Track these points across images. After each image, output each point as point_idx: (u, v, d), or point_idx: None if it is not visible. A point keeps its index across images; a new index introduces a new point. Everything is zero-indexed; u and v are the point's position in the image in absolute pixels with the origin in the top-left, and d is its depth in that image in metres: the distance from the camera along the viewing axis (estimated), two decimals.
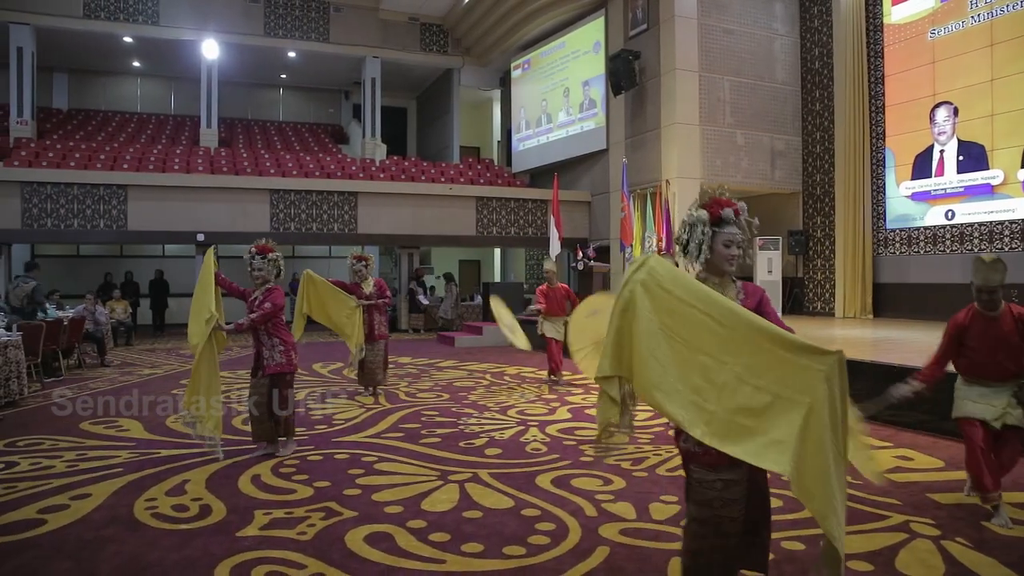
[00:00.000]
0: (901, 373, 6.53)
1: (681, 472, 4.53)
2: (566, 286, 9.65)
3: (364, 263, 8.14)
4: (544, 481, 4.68)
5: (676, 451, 5.37)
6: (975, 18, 12.19)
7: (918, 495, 4.41)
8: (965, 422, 4.10)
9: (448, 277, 18.15)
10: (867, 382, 6.79)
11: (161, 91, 23.43)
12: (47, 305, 10.71)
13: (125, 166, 16.39)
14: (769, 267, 15.20)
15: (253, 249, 5.55)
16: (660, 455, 5.34)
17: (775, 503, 3.54)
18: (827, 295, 14.83)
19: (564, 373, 9.08)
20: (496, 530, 3.79)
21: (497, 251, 23.11)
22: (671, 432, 3.16)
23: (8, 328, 8.32)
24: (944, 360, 4.21)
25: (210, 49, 19.31)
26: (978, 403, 4.05)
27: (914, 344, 8.81)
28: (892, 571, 3.26)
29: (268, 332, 5.45)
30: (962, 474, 4.90)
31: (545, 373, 9.19)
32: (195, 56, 19.54)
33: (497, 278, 22.61)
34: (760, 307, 2.83)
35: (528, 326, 9.70)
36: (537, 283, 20.74)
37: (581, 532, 3.74)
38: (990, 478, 3.90)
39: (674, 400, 2.36)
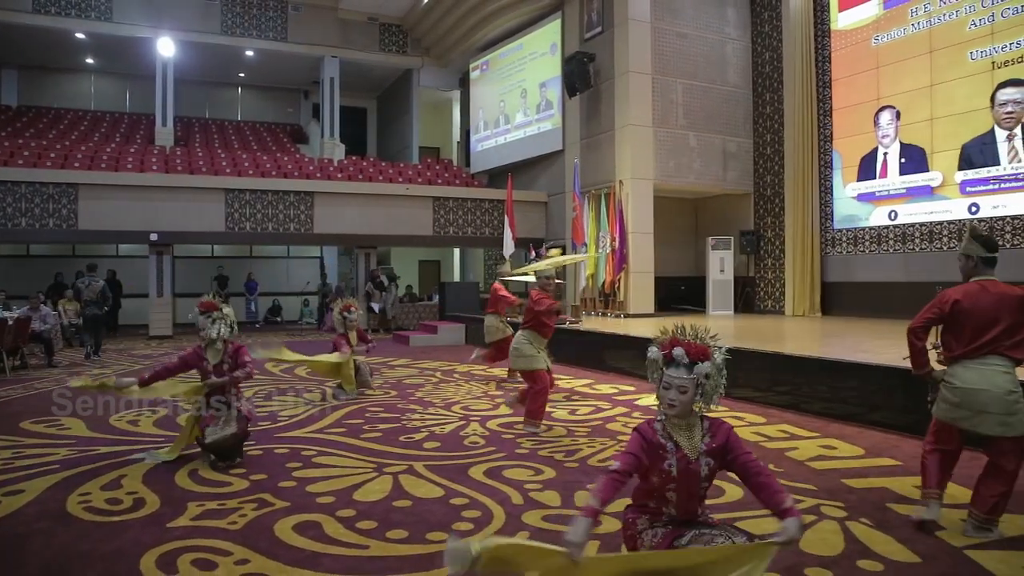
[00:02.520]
0: (840, 367, 6.84)
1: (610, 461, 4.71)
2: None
3: (350, 312, 8.30)
4: (477, 472, 4.81)
5: (610, 443, 5.56)
6: (915, 26, 12.61)
7: (834, 481, 4.62)
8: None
9: (391, 277, 18.25)
10: (810, 375, 7.09)
11: (116, 89, 23.10)
12: None
13: (76, 164, 16.15)
14: (721, 267, 15.55)
15: (197, 308, 5.25)
16: (594, 447, 5.50)
17: None
18: (777, 294, 15.19)
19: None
20: (423, 518, 3.91)
21: (456, 251, 23.21)
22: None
23: None
24: None
25: (166, 47, 19.12)
26: None
27: (855, 340, 9.14)
28: (796, 550, 3.45)
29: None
30: (881, 460, 5.16)
31: (497, 372, 9.27)
32: (150, 54, 19.33)
33: (456, 278, 22.70)
34: (728, 445, 2.65)
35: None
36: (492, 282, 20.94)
37: (505, 519, 3.88)
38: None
39: None
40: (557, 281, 7.05)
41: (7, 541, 3.65)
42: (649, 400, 7.08)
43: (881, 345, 8.04)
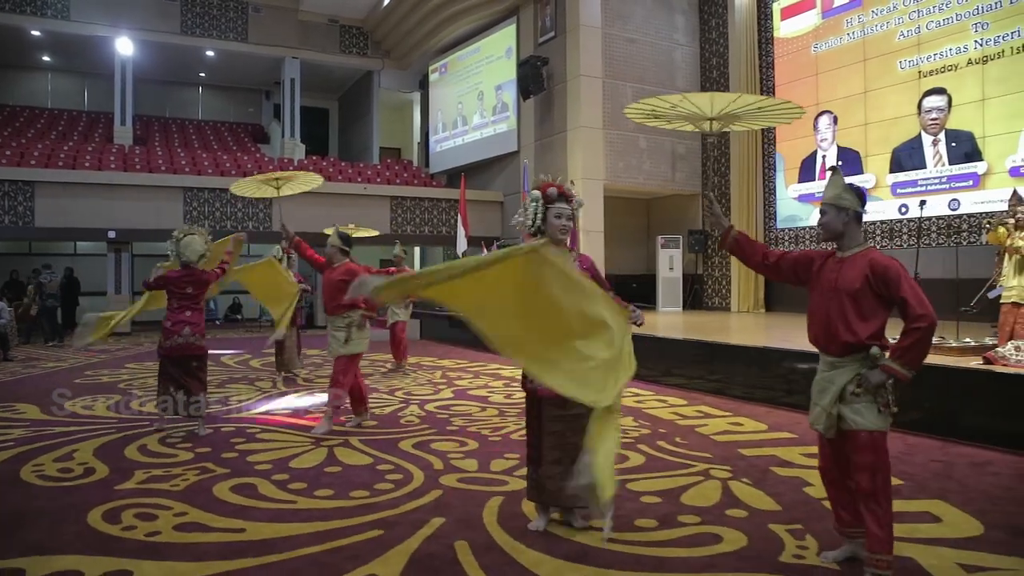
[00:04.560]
0: (757, 353, 7.38)
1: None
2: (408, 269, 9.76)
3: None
4: (407, 445, 5.25)
5: None
6: (850, 35, 13.27)
7: (730, 451, 5.12)
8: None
9: None
10: (729, 362, 7.63)
11: (74, 87, 23.05)
12: None
13: (33, 162, 16.20)
14: (671, 264, 16.09)
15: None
16: (519, 425, 5.94)
17: None
18: (724, 291, 15.78)
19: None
20: (349, 480, 4.34)
21: (417, 250, 23.54)
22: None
23: None
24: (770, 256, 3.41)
25: (124, 46, 19.20)
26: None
27: (786, 332, 9.70)
28: (675, 502, 3.92)
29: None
30: (779, 434, 5.67)
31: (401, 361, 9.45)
32: (109, 52, 19.39)
33: None
34: (593, 274, 3.54)
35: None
36: None
37: (424, 480, 4.32)
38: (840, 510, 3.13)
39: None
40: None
41: None
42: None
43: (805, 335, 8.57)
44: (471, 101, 19.19)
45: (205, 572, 3.01)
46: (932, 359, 5.99)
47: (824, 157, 13.84)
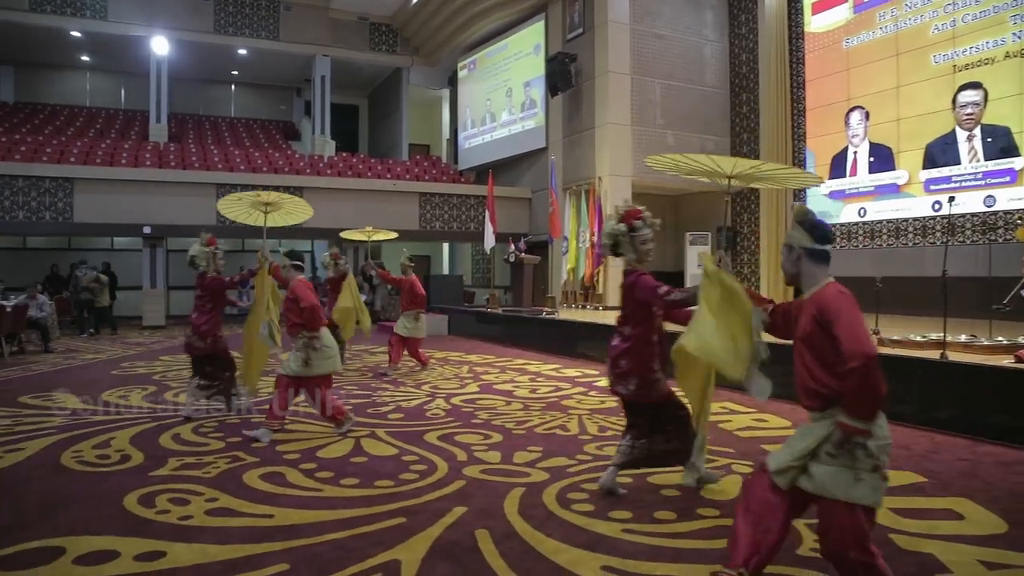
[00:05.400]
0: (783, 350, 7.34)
1: (557, 431, 5.27)
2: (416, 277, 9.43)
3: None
4: (432, 437, 5.34)
5: (560, 416, 6.05)
6: (883, 29, 13.09)
7: (753, 447, 5.13)
8: None
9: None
10: (778, 361, 7.57)
11: (111, 86, 23.56)
12: None
13: (72, 159, 16.61)
14: (699, 261, 15.99)
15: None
16: (544, 419, 6.01)
17: None
18: (753, 287, 15.65)
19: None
20: (374, 470, 4.44)
21: (446, 246, 23.71)
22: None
23: None
24: None
25: (160, 45, 19.58)
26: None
27: None
28: (695, 495, 3.96)
29: None
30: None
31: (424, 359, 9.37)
32: (145, 52, 19.80)
33: (445, 272, 23.21)
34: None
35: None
36: (480, 277, 21.45)
37: (447, 471, 4.41)
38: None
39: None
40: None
41: (10, 485, 4.19)
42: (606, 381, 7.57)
43: None
44: (499, 98, 19.26)
45: (234, 555, 3.12)
46: (961, 357, 5.99)
47: (855, 153, 13.68)
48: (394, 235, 13.80)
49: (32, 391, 7.39)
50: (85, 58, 21.94)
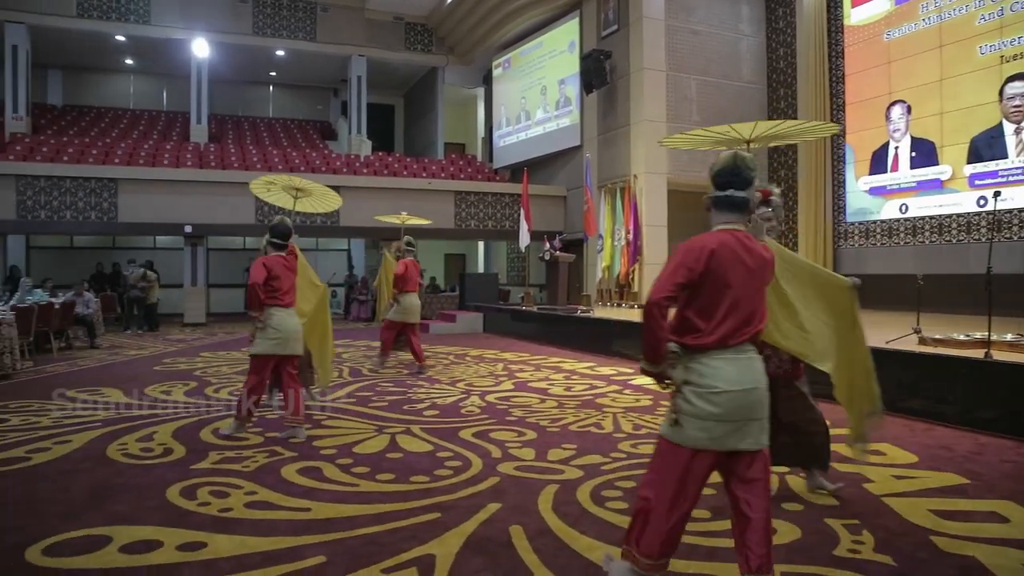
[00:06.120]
0: None
1: (592, 428, 5.27)
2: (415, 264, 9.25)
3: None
4: (467, 434, 5.38)
5: (595, 414, 6.03)
6: (926, 20, 12.81)
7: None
8: None
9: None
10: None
11: (153, 88, 24.08)
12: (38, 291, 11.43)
13: (116, 160, 17.02)
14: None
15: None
16: (578, 416, 6.01)
17: None
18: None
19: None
20: (410, 465, 4.49)
21: (481, 245, 23.79)
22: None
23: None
24: None
25: (200, 48, 19.97)
26: None
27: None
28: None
29: None
30: (840, 429, 5.55)
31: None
32: (186, 54, 20.20)
33: (481, 270, 23.30)
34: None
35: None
36: (515, 275, 21.48)
37: (482, 468, 4.44)
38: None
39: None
40: None
41: (57, 475, 4.33)
42: (642, 380, 7.53)
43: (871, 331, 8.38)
44: (534, 96, 19.26)
45: (273, 546, 3.19)
46: (1005, 356, 5.84)
47: (897, 148, 13.41)
48: (427, 221, 13.91)
49: (79, 385, 7.61)
50: (129, 61, 22.45)
